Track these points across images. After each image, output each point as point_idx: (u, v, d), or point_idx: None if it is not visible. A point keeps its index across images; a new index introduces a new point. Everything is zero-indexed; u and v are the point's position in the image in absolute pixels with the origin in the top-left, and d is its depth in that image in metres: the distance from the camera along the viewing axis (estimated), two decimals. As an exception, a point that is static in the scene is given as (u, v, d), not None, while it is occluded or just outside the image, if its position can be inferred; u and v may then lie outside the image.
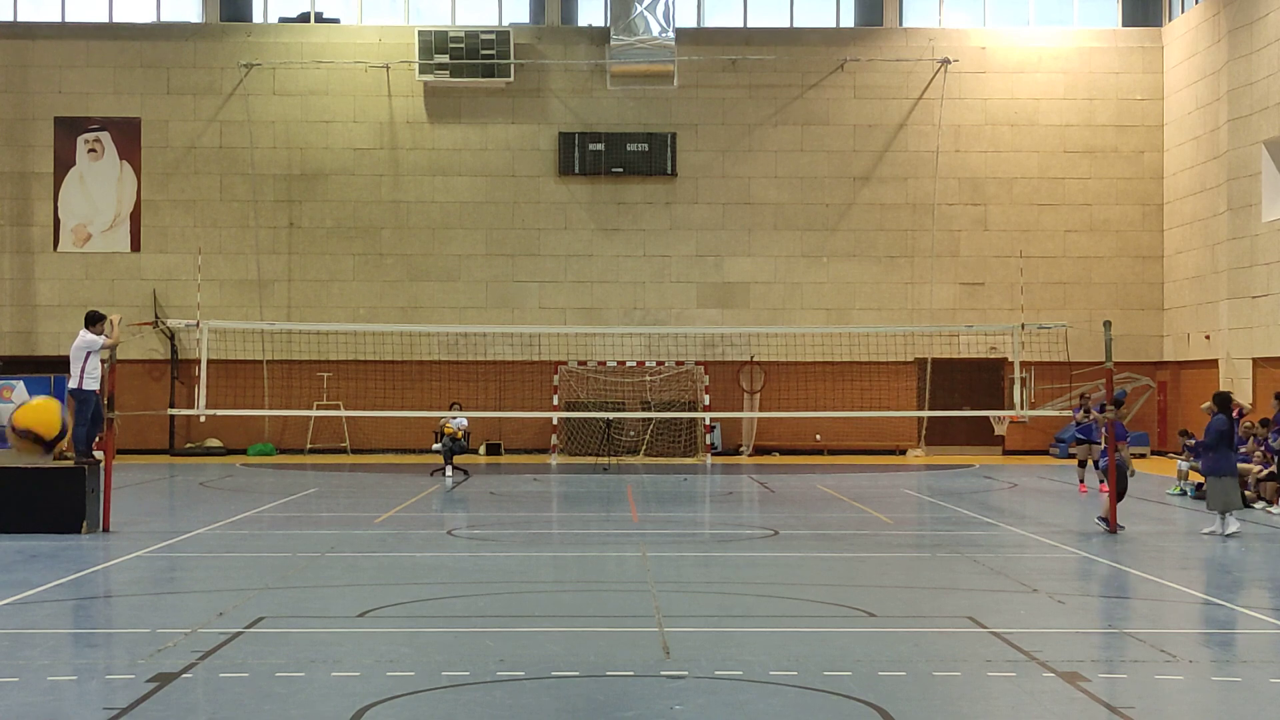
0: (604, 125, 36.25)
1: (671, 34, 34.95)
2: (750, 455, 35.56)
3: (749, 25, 36.92)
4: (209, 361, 21.47)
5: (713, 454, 34.49)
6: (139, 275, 35.92)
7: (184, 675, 9.10)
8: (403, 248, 36.14)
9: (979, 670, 9.40)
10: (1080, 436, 24.67)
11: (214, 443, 35.33)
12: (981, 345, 35.57)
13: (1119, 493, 17.99)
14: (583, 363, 35.55)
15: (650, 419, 34.36)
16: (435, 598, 12.91)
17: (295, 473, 29.35)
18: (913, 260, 36.31)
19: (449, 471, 27.06)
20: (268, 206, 36.08)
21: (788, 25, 36.84)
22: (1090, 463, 24.51)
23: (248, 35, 36.32)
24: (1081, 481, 24.82)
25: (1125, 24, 36.90)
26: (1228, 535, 17.19)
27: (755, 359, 35.48)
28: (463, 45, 35.44)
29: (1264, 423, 22.44)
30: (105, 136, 36.02)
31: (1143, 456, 33.13)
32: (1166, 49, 36.26)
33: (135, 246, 35.96)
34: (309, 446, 35.61)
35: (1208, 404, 18.23)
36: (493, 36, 35.57)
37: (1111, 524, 17.69)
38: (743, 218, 36.34)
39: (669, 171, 36.14)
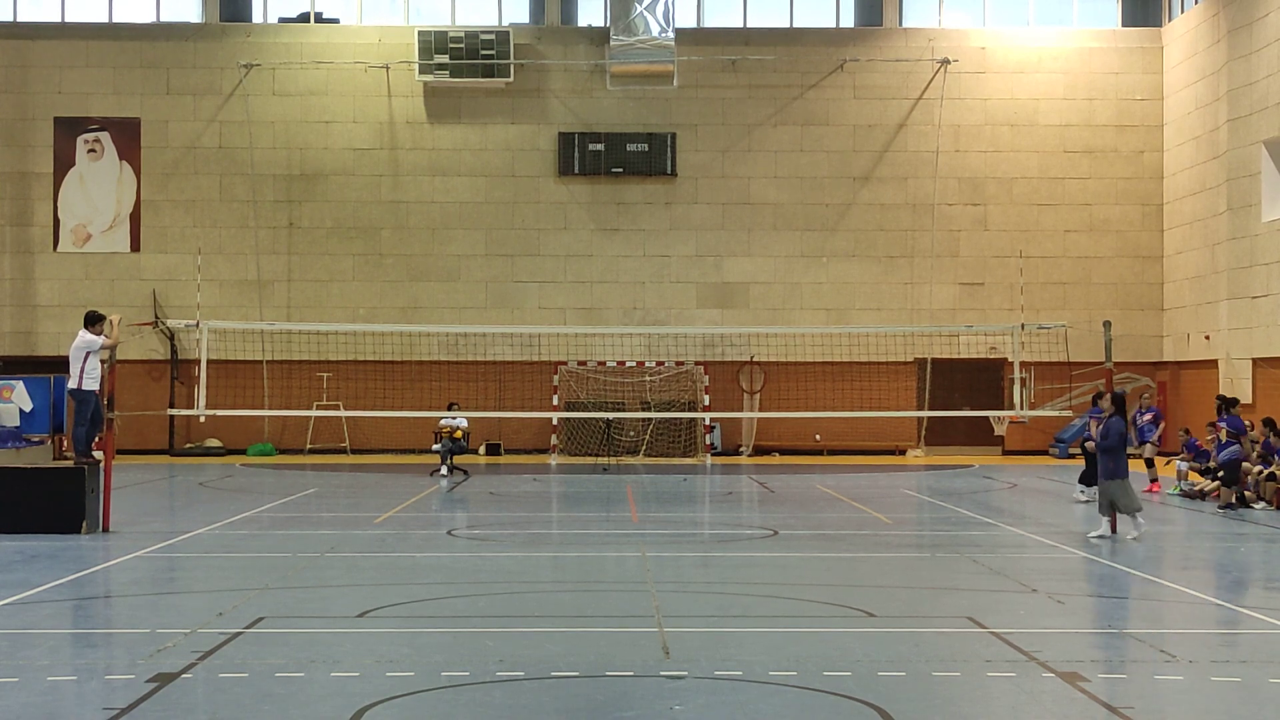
0: (604, 125, 36.23)
1: (671, 34, 34.91)
2: (750, 455, 35.54)
3: (749, 25, 36.90)
4: (209, 362, 21.46)
5: (712, 454, 34.48)
6: (139, 275, 35.91)
7: (184, 675, 9.10)
8: (402, 248, 36.12)
9: (979, 670, 9.40)
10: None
11: (214, 443, 35.32)
12: (981, 345, 35.55)
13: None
14: (582, 363, 35.54)
15: (650, 419, 34.34)
16: (435, 598, 12.91)
17: (295, 473, 29.34)
18: (912, 260, 36.30)
19: (445, 471, 27.06)
20: (267, 206, 36.07)
21: (787, 25, 36.82)
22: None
23: (247, 35, 36.30)
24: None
25: (1125, 24, 36.88)
26: (1135, 538, 16.60)
27: (755, 359, 35.46)
28: (462, 45, 35.42)
29: (1266, 422, 22.42)
30: (105, 136, 36.01)
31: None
32: (1166, 49, 36.25)
33: (135, 246, 35.94)
34: (309, 447, 35.58)
35: (1106, 403, 17.70)
36: (492, 37, 35.55)
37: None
38: (742, 218, 36.32)
39: (669, 171, 36.12)
